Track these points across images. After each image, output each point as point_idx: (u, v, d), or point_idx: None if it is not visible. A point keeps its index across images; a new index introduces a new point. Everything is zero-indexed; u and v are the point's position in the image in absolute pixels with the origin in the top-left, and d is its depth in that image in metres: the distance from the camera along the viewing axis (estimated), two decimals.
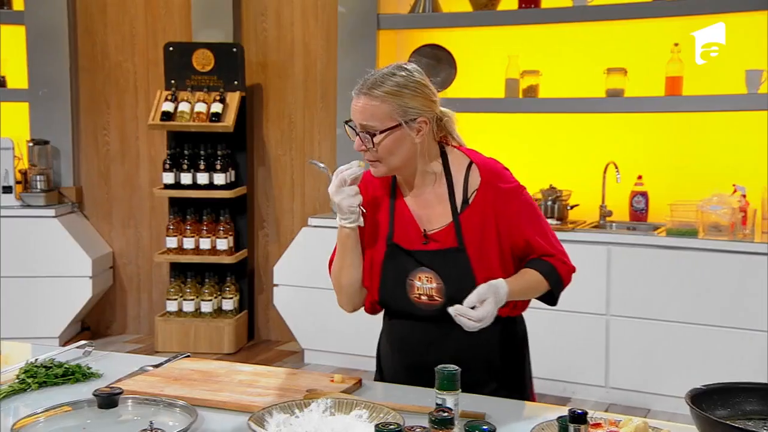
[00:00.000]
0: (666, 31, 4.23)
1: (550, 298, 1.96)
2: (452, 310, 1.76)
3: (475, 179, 1.93)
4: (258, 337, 5.25)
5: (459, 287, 1.83)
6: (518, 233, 1.91)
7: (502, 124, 4.66)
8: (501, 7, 4.48)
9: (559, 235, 4.29)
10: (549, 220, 4.27)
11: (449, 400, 1.52)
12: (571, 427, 1.28)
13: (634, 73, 4.25)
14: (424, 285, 1.88)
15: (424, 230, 1.92)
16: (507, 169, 2.01)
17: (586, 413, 1.29)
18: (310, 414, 1.55)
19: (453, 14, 4.59)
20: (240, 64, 4.91)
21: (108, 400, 1.60)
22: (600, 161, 4.38)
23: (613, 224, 4.32)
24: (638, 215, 4.30)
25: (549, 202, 4.34)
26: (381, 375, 2.06)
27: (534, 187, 4.43)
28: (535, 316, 4.11)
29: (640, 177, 4.32)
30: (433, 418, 1.35)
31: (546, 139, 4.59)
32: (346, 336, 4.59)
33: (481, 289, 1.77)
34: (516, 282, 1.86)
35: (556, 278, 1.92)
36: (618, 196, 4.35)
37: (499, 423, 1.52)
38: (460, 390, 1.54)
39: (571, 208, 4.39)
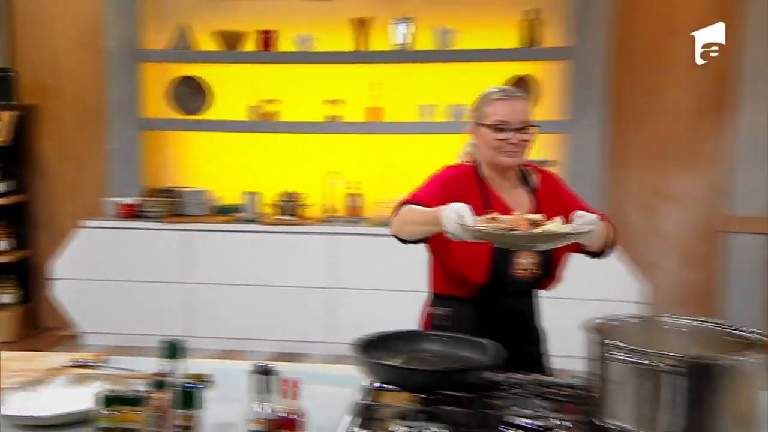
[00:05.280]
0: (368, 71, 4.44)
1: (608, 247, 1.88)
2: (571, 227, 1.59)
3: (531, 171, 1.93)
4: (40, 325, 4.78)
5: (548, 260, 1.82)
6: (574, 205, 1.85)
7: (249, 142, 4.66)
8: (247, 48, 4.47)
9: (295, 228, 4.42)
10: (286, 217, 4.38)
11: (174, 366, 1.51)
12: (260, 379, 1.30)
13: (347, 103, 4.42)
14: (527, 261, 1.82)
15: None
16: None
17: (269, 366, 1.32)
18: (47, 390, 1.47)
19: (205, 52, 4.49)
20: (13, 87, 4.42)
21: None
22: (324, 170, 4.53)
23: (336, 219, 4.45)
24: (353, 211, 4.47)
25: (287, 203, 4.42)
26: None
27: (276, 191, 4.49)
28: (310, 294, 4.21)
29: (354, 183, 4.48)
30: (150, 382, 1.34)
31: (284, 153, 4.65)
32: (121, 319, 4.36)
33: (577, 213, 1.66)
34: None
35: (612, 228, 1.89)
36: (339, 197, 4.51)
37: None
38: (184, 358, 1.53)
39: (305, 207, 4.49)
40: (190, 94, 4.63)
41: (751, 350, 1.23)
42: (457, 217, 1.51)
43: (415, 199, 1.78)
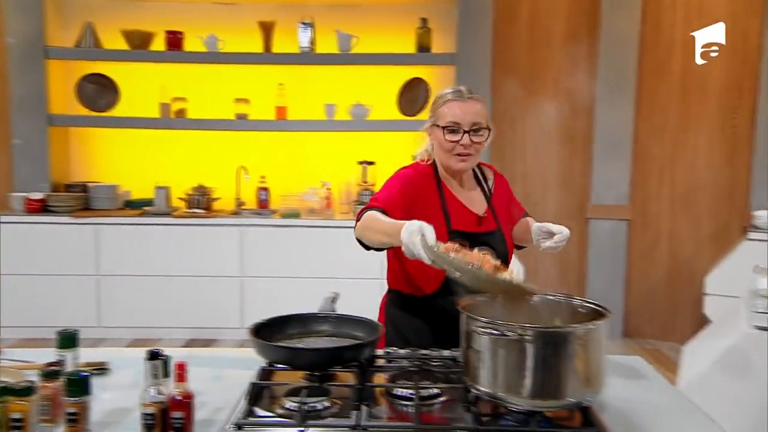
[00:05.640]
0: (275, 72, 4.39)
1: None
2: (550, 243, 1.67)
3: (489, 173, 1.88)
4: None
5: (502, 259, 1.68)
6: (517, 204, 1.90)
7: (160, 138, 4.48)
8: (153, 47, 4.29)
9: (205, 221, 4.30)
10: (198, 210, 4.25)
11: (68, 356, 1.44)
12: (151, 364, 1.26)
13: (254, 102, 4.36)
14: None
15: (478, 215, 1.77)
16: None
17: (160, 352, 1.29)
18: None
19: (113, 50, 4.28)
20: None
21: None
22: (234, 166, 4.44)
23: (245, 211, 4.40)
24: (262, 204, 4.43)
25: (198, 197, 4.29)
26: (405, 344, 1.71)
27: (187, 186, 4.36)
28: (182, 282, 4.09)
29: (263, 177, 4.44)
30: (42, 372, 1.27)
31: (194, 149, 4.52)
32: (32, 312, 4.10)
33: (554, 227, 1.72)
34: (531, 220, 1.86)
35: None
36: (248, 190, 4.45)
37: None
38: (78, 347, 1.46)
39: (215, 200, 4.39)
40: (98, 91, 4.40)
41: (593, 319, 1.32)
42: (419, 234, 1.37)
43: (377, 202, 1.67)
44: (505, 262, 1.74)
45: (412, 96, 4.32)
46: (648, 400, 1.44)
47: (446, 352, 1.63)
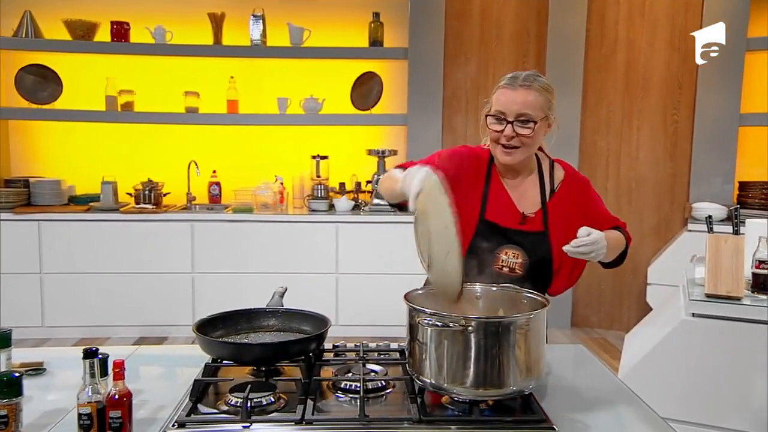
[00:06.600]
0: (226, 65, 4.32)
1: (619, 258, 1.69)
2: (568, 247, 1.48)
3: (560, 173, 1.71)
4: None
5: (540, 264, 1.62)
6: (597, 213, 1.71)
7: (106, 131, 4.35)
8: (97, 38, 4.15)
9: (155, 216, 4.21)
10: (147, 206, 4.15)
11: (1, 356, 1.38)
12: (87, 363, 1.22)
13: (205, 95, 4.29)
14: (510, 259, 1.62)
15: (523, 213, 1.65)
16: None
17: (97, 350, 1.25)
18: None
19: (54, 40, 4.11)
20: None
21: None
22: (184, 160, 4.35)
23: (197, 206, 4.33)
24: (214, 199, 4.37)
25: (147, 192, 4.18)
26: None
27: (135, 180, 4.24)
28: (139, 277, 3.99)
29: (214, 171, 4.39)
30: None
31: (143, 143, 4.41)
32: None
33: (583, 229, 1.50)
34: (608, 233, 1.60)
35: (626, 239, 1.72)
36: (199, 185, 4.37)
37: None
38: (11, 347, 1.41)
39: (165, 195, 4.29)
40: (39, 83, 4.23)
41: (534, 309, 1.34)
42: (432, 174, 1.31)
43: (411, 161, 1.61)
44: (544, 269, 1.65)
45: (365, 90, 4.31)
46: (587, 387, 1.48)
47: (393, 345, 1.63)
